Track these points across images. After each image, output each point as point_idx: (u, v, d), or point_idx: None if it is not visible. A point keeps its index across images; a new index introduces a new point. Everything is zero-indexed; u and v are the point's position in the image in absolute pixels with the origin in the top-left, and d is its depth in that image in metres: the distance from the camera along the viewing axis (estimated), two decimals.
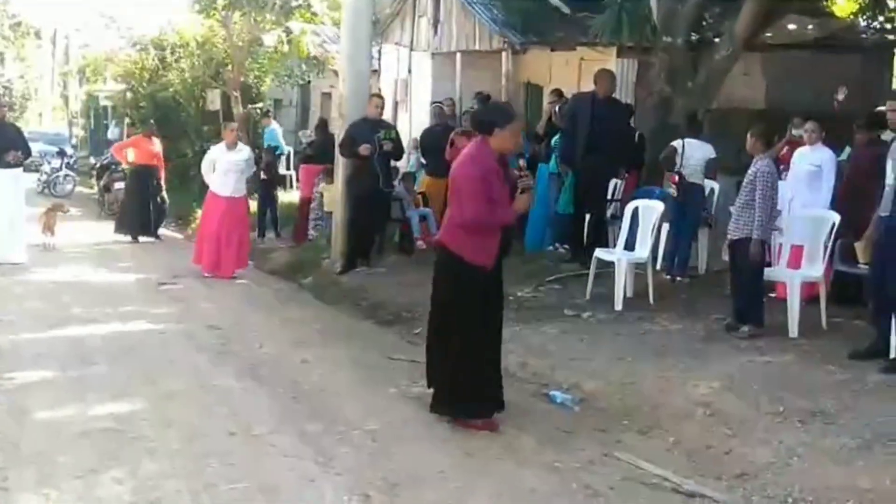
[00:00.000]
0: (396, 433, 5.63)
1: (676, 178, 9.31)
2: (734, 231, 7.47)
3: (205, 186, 11.81)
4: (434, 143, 11.64)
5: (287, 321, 8.93)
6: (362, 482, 4.82)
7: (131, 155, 14.57)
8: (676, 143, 9.48)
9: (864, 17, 16.13)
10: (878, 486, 4.87)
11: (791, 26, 14.06)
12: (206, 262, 10.97)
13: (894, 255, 6.56)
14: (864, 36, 15.25)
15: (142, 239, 14.22)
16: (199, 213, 14.05)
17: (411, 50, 17.28)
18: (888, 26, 16.06)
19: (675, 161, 9.33)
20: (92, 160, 25.15)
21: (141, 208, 14.27)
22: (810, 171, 8.49)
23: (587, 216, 10.28)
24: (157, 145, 14.56)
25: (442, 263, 5.84)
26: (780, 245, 8.07)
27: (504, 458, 5.30)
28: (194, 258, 11.18)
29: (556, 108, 11.32)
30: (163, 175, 14.70)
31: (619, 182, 10.50)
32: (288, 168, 18.59)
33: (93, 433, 5.39)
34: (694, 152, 9.38)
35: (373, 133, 10.45)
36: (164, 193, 14.64)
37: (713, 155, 9.34)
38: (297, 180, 16.45)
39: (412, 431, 5.68)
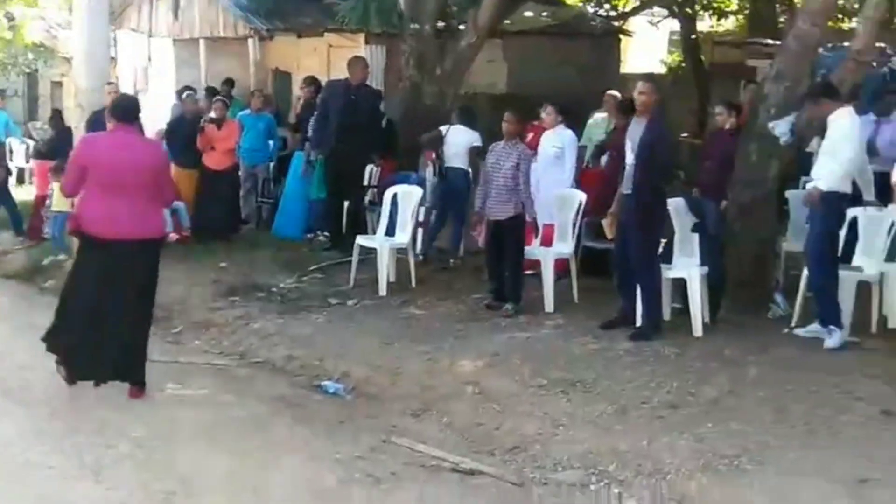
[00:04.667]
0: (166, 438, 5.41)
1: (434, 156, 9.52)
2: (501, 212, 7.72)
3: None
4: (184, 133, 11.22)
5: (31, 328, 8.29)
6: (138, 494, 4.61)
7: None
8: (443, 128, 9.72)
9: (591, 4, 17.23)
10: (635, 447, 5.24)
11: (528, 14, 14.76)
12: None
13: (633, 230, 7.02)
14: (592, 23, 16.26)
15: None
16: None
17: (150, 36, 16.59)
18: (613, 14, 17.23)
19: (439, 144, 9.56)
20: None
21: None
22: (554, 153, 8.92)
23: (345, 203, 10.30)
24: None
25: (154, 250, 6.15)
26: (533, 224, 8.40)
27: (283, 453, 5.24)
28: None
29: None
30: None
31: (375, 168, 10.59)
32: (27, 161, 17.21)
33: None
34: (457, 138, 9.62)
35: None
36: None
37: (478, 143, 9.59)
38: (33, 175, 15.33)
39: (183, 435, 5.49)
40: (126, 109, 6.19)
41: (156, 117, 15.53)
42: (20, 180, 16.60)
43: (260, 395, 6.25)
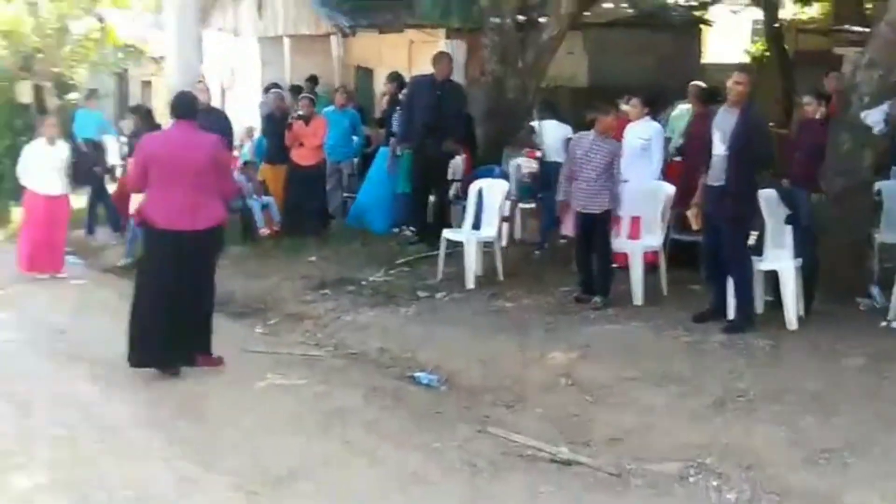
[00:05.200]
0: (270, 426, 5.59)
1: (538, 153, 9.58)
2: (593, 205, 7.75)
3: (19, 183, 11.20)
4: (273, 130, 11.49)
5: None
6: (246, 479, 4.78)
7: None
8: (534, 124, 9.80)
9: None
10: (733, 440, 5.23)
11: (607, 5, 14.68)
12: (27, 262, 10.46)
13: (726, 222, 6.99)
14: (673, 13, 16.08)
15: None
16: (16, 212, 13.30)
17: (236, 35, 16.94)
18: (694, 3, 17.01)
19: (533, 140, 9.64)
20: None
21: None
22: (640, 145, 8.89)
23: (430, 197, 10.42)
24: None
25: (212, 238, 6.65)
26: (620, 217, 8.42)
27: (382, 442, 5.36)
28: (19, 263, 10.57)
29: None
30: None
31: (459, 162, 10.68)
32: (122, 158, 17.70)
33: None
34: (551, 132, 9.71)
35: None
36: None
37: (570, 135, 9.64)
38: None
39: (285, 424, 5.66)
40: (182, 106, 6.62)
41: (242, 114, 15.90)
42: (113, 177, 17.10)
43: (356, 386, 6.39)
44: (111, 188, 13.59)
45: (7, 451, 5.13)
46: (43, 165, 10.47)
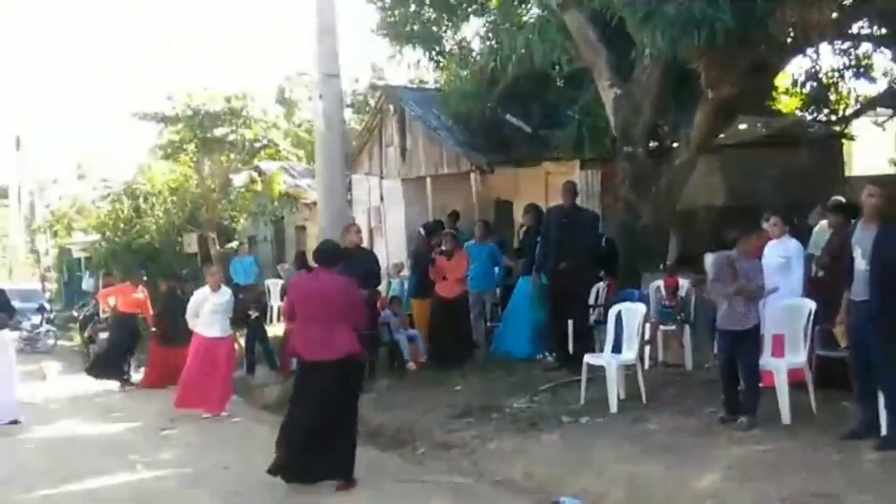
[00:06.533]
0: None
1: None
2: (738, 323, 7.78)
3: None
4: (418, 266, 12.04)
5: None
6: None
7: (112, 301, 14.76)
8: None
9: (808, 111, 16.96)
10: None
11: (742, 126, 14.80)
12: (186, 399, 11.11)
13: (875, 337, 6.86)
14: (810, 130, 16.01)
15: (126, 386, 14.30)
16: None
17: (381, 178, 17.83)
18: (833, 118, 16.87)
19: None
20: (73, 313, 24.86)
21: (120, 355, 14.42)
22: (780, 263, 8.87)
23: (569, 323, 10.56)
24: (141, 294, 14.72)
25: (349, 367, 7.26)
26: (762, 335, 8.36)
27: None
28: (177, 401, 11.25)
29: None
30: (149, 323, 14.79)
31: (602, 287, 10.84)
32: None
33: None
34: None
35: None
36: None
37: None
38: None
39: None
40: (323, 253, 7.61)
41: (389, 251, 16.58)
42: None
43: None
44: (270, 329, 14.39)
45: None
46: (209, 310, 11.24)
